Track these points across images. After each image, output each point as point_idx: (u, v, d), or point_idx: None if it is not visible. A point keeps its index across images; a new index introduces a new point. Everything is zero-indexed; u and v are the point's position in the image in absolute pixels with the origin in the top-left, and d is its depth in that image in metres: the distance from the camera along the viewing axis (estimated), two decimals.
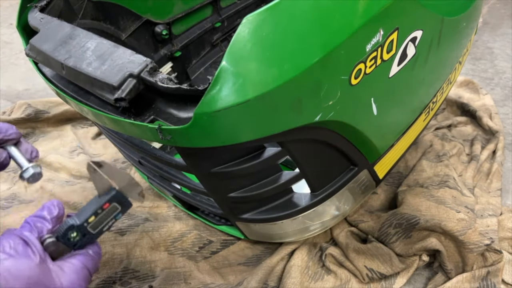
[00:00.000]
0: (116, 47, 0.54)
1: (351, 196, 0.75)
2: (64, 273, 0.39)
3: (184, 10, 1.04)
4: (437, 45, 0.69)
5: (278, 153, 0.60)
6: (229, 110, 0.45)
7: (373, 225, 0.87)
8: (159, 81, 0.49)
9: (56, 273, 0.39)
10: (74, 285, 0.40)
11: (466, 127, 1.20)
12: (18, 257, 0.37)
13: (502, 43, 1.66)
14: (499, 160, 1.05)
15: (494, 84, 1.41)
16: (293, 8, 0.46)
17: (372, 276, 0.79)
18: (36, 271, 0.37)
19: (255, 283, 0.77)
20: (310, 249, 0.85)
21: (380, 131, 0.69)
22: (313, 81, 0.48)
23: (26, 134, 1.20)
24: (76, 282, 0.40)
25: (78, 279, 0.40)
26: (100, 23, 0.85)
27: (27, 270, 0.37)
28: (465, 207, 0.84)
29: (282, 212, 0.70)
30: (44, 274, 0.38)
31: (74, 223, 0.41)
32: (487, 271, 0.77)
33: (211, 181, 0.64)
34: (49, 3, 0.70)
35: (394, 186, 0.99)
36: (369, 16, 0.51)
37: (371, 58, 0.54)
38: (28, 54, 0.62)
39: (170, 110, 0.52)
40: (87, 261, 0.42)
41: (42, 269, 0.38)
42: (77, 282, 0.40)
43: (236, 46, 0.44)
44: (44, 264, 0.38)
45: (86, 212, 0.42)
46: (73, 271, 0.40)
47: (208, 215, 0.88)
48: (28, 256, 0.37)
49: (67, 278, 0.39)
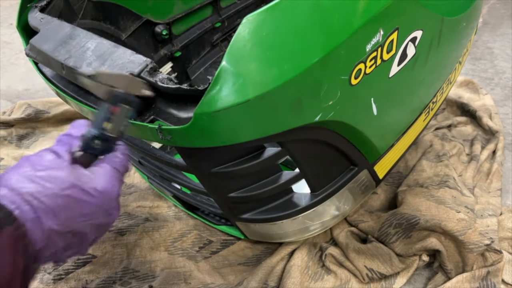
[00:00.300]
0: (116, 47, 0.54)
1: (351, 196, 0.75)
2: (96, 176, 0.42)
3: (184, 10, 1.04)
4: (437, 45, 0.69)
5: (278, 153, 0.60)
6: (229, 110, 0.45)
7: (373, 225, 0.87)
8: (159, 81, 0.49)
9: (89, 177, 0.42)
10: (107, 186, 0.42)
11: (466, 127, 1.20)
12: (51, 167, 0.40)
13: (502, 43, 1.67)
14: (499, 160, 1.05)
15: (494, 84, 1.41)
16: (293, 8, 0.46)
17: (372, 276, 0.79)
18: (68, 176, 0.40)
19: (255, 283, 0.77)
20: (310, 249, 0.85)
21: (380, 131, 0.69)
22: (313, 81, 0.48)
23: (26, 134, 1.20)
24: (108, 184, 0.42)
25: (110, 180, 0.43)
26: (100, 23, 0.85)
27: (61, 175, 0.40)
28: (465, 207, 0.84)
29: (282, 212, 0.70)
30: (77, 179, 0.40)
31: (92, 133, 0.43)
32: (487, 271, 0.77)
33: (211, 181, 0.64)
34: (49, 3, 0.70)
35: (394, 186, 0.99)
36: (369, 16, 0.51)
37: (371, 58, 0.54)
38: (28, 54, 0.62)
39: (170, 110, 0.52)
40: (115, 162, 0.45)
41: (74, 174, 0.40)
42: (108, 183, 0.43)
43: (236, 46, 0.44)
44: (75, 171, 0.41)
45: (98, 120, 0.44)
46: (103, 173, 0.43)
47: (208, 215, 0.88)
48: (60, 165, 0.40)
49: (99, 181, 0.42)
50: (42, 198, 0.38)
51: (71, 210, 0.40)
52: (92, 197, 0.41)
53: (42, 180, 0.39)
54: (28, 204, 0.37)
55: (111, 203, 0.43)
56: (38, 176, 0.39)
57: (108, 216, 0.44)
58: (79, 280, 0.80)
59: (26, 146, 1.17)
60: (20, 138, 1.18)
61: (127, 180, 1.05)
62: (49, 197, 0.38)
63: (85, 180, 0.41)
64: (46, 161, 0.40)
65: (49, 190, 0.38)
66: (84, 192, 0.41)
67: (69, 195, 0.40)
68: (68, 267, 0.81)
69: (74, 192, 0.40)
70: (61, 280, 0.80)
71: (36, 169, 0.39)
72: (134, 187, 1.02)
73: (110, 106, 0.44)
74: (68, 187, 0.40)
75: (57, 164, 0.40)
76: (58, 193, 0.39)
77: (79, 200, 0.40)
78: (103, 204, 0.42)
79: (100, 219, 0.43)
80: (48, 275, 0.80)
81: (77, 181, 0.40)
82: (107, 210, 0.43)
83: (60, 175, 0.40)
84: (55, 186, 0.39)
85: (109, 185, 0.43)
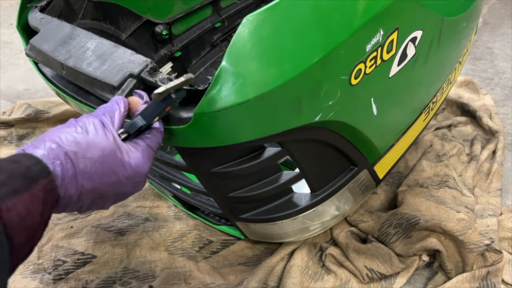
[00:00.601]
0: (116, 47, 0.54)
1: (351, 196, 0.75)
2: (132, 152, 0.46)
3: (184, 10, 1.04)
4: (437, 45, 0.69)
5: (278, 153, 0.60)
6: (229, 110, 0.45)
7: (373, 225, 0.87)
8: (159, 81, 0.49)
9: (126, 151, 0.45)
10: (140, 162, 0.46)
11: (466, 127, 1.20)
12: (97, 133, 0.43)
13: (502, 43, 1.67)
14: (499, 160, 1.05)
15: (494, 84, 1.41)
16: (293, 8, 0.46)
17: (372, 276, 0.79)
18: (110, 146, 0.43)
19: (255, 283, 0.77)
20: (310, 249, 0.85)
21: (380, 131, 0.69)
22: (313, 81, 0.48)
23: (26, 134, 1.20)
24: (142, 160, 0.46)
25: (144, 157, 0.46)
26: (100, 23, 0.85)
27: (104, 143, 0.43)
28: (465, 207, 0.84)
29: (282, 212, 0.70)
30: (117, 149, 0.44)
31: (142, 125, 0.46)
32: (487, 271, 0.77)
33: (211, 181, 0.64)
34: (49, 3, 0.70)
35: (394, 186, 0.99)
36: (369, 16, 0.51)
37: (371, 58, 0.54)
38: (28, 54, 0.62)
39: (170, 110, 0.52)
40: (151, 141, 0.48)
41: (115, 145, 0.44)
42: (142, 160, 0.46)
43: (236, 46, 0.44)
44: (117, 143, 0.44)
45: (151, 115, 0.46)
46: (140, 150, 0.46)
47: (208, 215, 0.88)
48: (104, 134, 0.44)
49: (135, 156, 0.45)
50: (84, 160, 0.42)
51: (105, 176, 0.43)
52: (126, 170, 0.45)
53: (87, 144, 0.42)
54: (70, 162, 0.41)
55: (140, 177, 0.47)
56: (85, 139, 0.42)
57: (135, 187, 0.47)
58: (79, 280, 0.80)
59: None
60: (20, 138, 1.18)
61: None
62: (89, 160, 0.42)
63: (124, 154, 0.45)
64: (94, 128, 0.44)
65: (91, 154, 0.42)
66: (120, 165, 0.44)
67: (107, 164, 0.43)
68: (68, 267, 0.81)
69: (113, 163, 0.44)
70: (61, 280, 0.80)
71: (84, 132, 0.43)
72: None
73: (166, 105, 0.46)
74: (108, 156, 0.43)
75: (103, 133, 0.44)
76: (98, 159, 0.43)
77: (115, 170, 0.44)
78: (133, 177, 0.46)
79: (127, 189, 0.47)
80: (48, 275, 0.80)
81: (117, 153, 0.44)
82: (135, 183, 0.47)
83: (104, 144, 0.43)
84: (97, 152, 0.43)
85: (143, 162, 0.46)
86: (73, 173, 0.41)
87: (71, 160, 0.41)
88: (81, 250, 0.85)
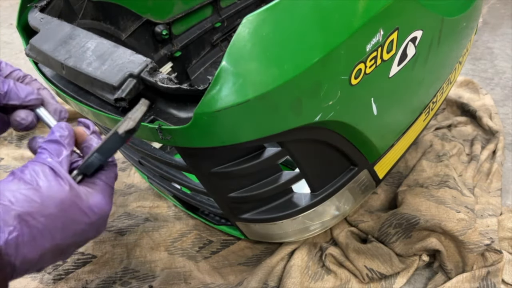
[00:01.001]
0: (116, 47, 0.54)
1: (351, 196, 0.75)
2: (93, 194, 0.41)
3: (184, 10, 1.04)
4: (437, 45, 0.69)
5: (278, 153, 0.60)
6: (229, 110, 0.45)
7: (373, 225, 0.87)
8: (159, 81, 0.49)
9: (86, 195, 0.41)
10: (103, 205, 0.42)
11: (466, 127, 1.20)
12: (50, 184, 0.38)
13: (502, 43, 1.67)
14: (499, 160, 1.05)
15: (494, 84, 1.41)
16: (293, 8, 0.46)
17: (372, 276, 0.79)
18: (68, 196, 0.39)
19: (255, 283, 0.77)
20: (310, 249, 0.85)
21: (380, 131, 0.69)
22: (313, 81, 0.48)
23: (26, 134, 1.20)
24: (104, 202, 0.42)
25: (105, 198, 0.42)
26: (100, 23, 0.85)
27: (60, 194, 0.38)
28: (465, 207, 0.84)
29: (282, 212, 0.70)
30: (76, 196, 0.39)
31: (100, 162, 0.42)
32: (487, 271, 0.77)
33: (211, 181, 0.64)
34: (49, 3, 0.70)
35: (394, 186, 0.99)
36: (369, 16, 0.51)
37: (371, 58, 0.54)
38: (28, 54, 0.62)
39: (170, 110, 0.52)
40: (108, 178, 0.44)
41: (73, 193, 0.39)
42: (104, 201, 0.42)
43: (236, 46, 0.44)
44: (73, 189, 0.40)
45: (110, 151, 0.43)
46: (99, 191, 0.42)
47: (208, 215, 0.88)
48: (59, 183, 0.39)
49: (96, 199, 0.41)
50: (41, 219, 0.36)
51: (67, 229, 0.39)
52: (89, 217, 0.41)
53: (42, 200, 0.37)
54: (25, 225, 0.35)
55: (104, 221, 0.43)
56: (39, 195, 0.37)
57: (97, 233, 0.43)
58: (79, 280, 0.80)
59: (26, 146, 1.17)
60: (20, 138, 1.18)
61: (127, 180, 1.05)
62: (48, 217, 0.37)
63: (84, 200, 0.40)
64: (46, 178, 0.39)
65: (48, 210, 0.37)
66: (83, 213, 0.40)
67: (69, 216, 0.39)
68: (68, 267, 0.81)
69: (74, 213, 0.39)
70: (61, 280, 0.80)
71: (35, 186, 0.37)
72: (134, 187, 1.02)
73: (127, 138, 0.43)
74: (69, 207, 0.39)
75: (57, 182, 0.39)
76: (57, 214, 0.38)
77: (77, 220, 0.40)
78: (97, 221, 0.42)
79: (90, 235, 0.42)
80: (48, 275, 0.80)
81: (77, 201, 0.39)
82: (98, 228, 0.42)
83: (61, 195, 0.38)
84: (55, 206, 0.38)
85: (105, 203, 0.42)
86: (31, 236, 0.36)
87: (26, 223, 0.35)
88: (81, 250, 0.85)
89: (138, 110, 0.44)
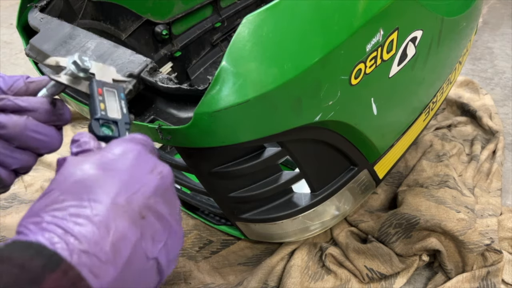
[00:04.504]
0: (116, 47, 0.54)
1: (351, 196, 0.75)
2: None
3: (184, 10, 1.04)
4: (437, 45, 0.69)
5: (278, 153, 0.60)
6: (229, 110, 0.45)
7: (373, 225, 0.87)
8: (159, 81, 0.49)
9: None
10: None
11: (466, 127, 1.20)
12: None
13: (502, 43, 1.67)
14: (499, 160, 1.05)
15: (494, 84, 1.41)
16: (293, 8, 0.46)
17: (372, 276, 0.79)
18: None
19: (255, 283, 0.77)
20: (310, 249, 0.85)
21: (380, 131, 0.69)
22: (313, 81, 0.48)
23: None
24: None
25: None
26: (100, 23, 0.85)
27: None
28: (465, 207, 0.84)
29: (282, 212, 0.70)
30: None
31: (92, 122, 0.39)
32: (487, 271, 0.77)
33: (211, 181, 0.64)
34: (49, 3, 0.70)
35: (394, 186, 0.99)
36: (369, 16, 0.51)
37: (371, 58, 0.54)
38: (28, 54, 0.62)
39: (170, 110, 0.52)
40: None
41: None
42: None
43: (236, 46, 0.44)
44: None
45: (91, 107, 0.40)
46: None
47: (208, 215, 0.88)
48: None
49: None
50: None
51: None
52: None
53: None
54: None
55: None
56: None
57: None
58: None
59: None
60: None
61: None
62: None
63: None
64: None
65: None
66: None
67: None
68: None
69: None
70: None
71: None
72: None
73: (94, 89, 0.40)
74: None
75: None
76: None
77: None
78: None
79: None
80: None
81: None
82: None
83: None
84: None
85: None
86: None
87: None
88: None
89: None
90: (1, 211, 0.96)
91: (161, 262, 0.30)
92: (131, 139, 0.34)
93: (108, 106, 0.40)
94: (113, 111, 0.40)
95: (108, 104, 0.40)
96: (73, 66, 0.41)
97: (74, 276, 0.25)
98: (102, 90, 0.41)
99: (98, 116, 0.39)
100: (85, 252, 0.26)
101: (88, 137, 0.35)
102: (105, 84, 0.42)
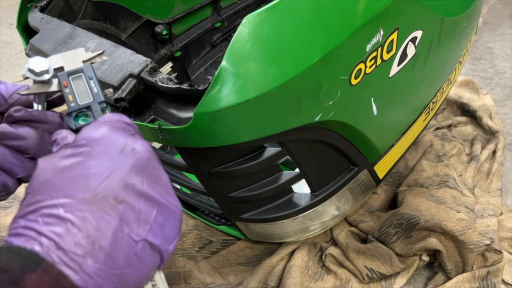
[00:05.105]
0: (116, 47, 0.54)
1: (351, 196, 0.75)
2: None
3: (184, 10, 1.04)
4: (437, 45, 0.69)
5: (278, 153, 0.60)
6: (229, 110, 0.45)
7: (373, 225, 0.87)
8: (159, 81, 0.49)
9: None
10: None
11: (466, 127, 1.20)
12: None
13: (502, 43, 1.67)
14: (499, 160, 1.05)
15: (494, 84, 1.41)
16: (293, 8, 0.46)
17: (372, 276, 0.79)
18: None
19: (255, 283, 0.77)
20: (310, 249, 0.85)
21: (380, 131, 0.69)
22: (313, 81, 0.48)
23: None
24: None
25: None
26: (100, 23, 0.85)
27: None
28: (465, 207, 0.84)
29: (282, 212, 0.70)
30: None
31: (65, 118, 0.38)
32: (487, 271, 0.77)
33: (211, 181, 0.64)
34: (49, 3, 0.70)
35: (394, 186, 0.99)
36: (369, 16, 0.51)
37: (371, 58, 0.54)
38: (28, 54, 0.62)
39: (170, 110, 0.52)
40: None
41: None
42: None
43: (236, 46, 0.44)
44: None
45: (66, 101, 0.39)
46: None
47: (208, 215, 0.88)
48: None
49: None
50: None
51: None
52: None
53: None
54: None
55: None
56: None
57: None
58: None
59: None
60: None
61: None
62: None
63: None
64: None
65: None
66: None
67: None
68: None
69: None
70: None
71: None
72: None
73: (59, 82, 0.39)
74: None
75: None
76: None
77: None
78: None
79: None
80: None
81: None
82: None
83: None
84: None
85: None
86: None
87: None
88: None
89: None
90: (1, 211, 0.96)
91: (153, 241, 0.30)
92: (97, 123, 0.33)
93: (78, 93, 0.39)
94: (85, 96, 0.39)
95: (78, 91, 0.39)
96: (30, 73, 0.39)
97: (56, 274, 0.26)
98: (68, 81, 0.40)
99: (68, 111, 0.38)
100: (60, 249, 0.26)
101: (65, 133, 0.35)
102: (71, 72, 0.40)
